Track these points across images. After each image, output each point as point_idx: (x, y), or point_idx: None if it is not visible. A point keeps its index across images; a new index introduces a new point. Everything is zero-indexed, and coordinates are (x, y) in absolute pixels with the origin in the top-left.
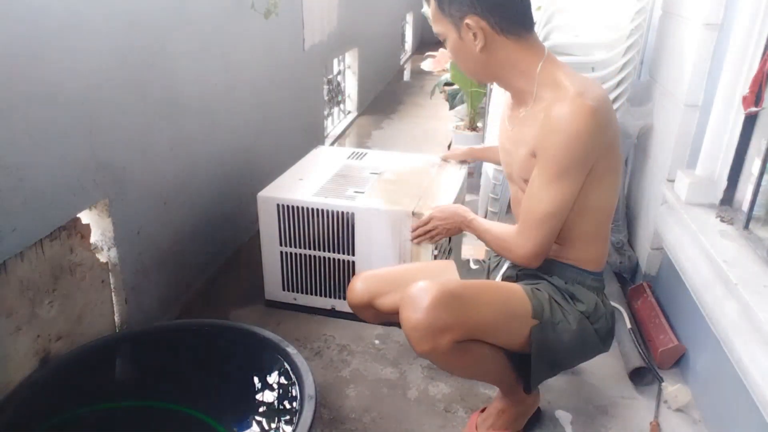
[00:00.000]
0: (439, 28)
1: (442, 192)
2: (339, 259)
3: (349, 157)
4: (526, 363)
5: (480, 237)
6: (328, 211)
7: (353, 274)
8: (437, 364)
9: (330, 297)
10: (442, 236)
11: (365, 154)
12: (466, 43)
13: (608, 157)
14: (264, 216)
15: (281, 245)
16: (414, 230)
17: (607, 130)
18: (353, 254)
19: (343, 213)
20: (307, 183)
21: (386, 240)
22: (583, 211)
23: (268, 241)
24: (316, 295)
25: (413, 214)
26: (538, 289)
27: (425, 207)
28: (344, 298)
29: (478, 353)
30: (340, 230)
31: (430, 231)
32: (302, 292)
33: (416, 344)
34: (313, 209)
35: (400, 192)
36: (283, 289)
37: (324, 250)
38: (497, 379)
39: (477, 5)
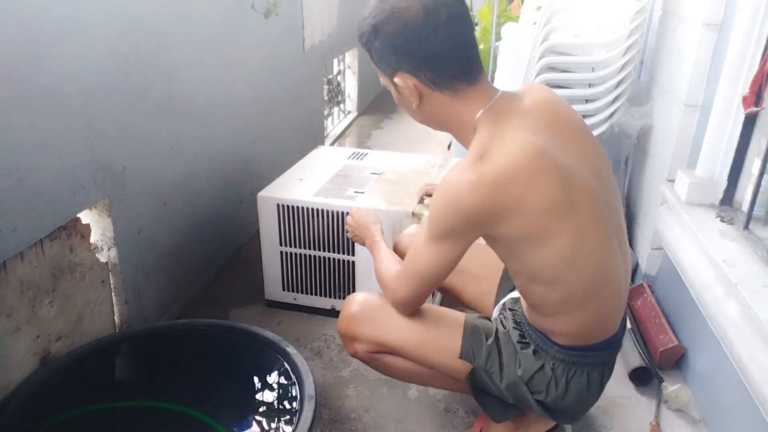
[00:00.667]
0: (381, 79)
1: None
2: (339, 259)
3: (349, 157)
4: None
5: (375, 258)
6: (328, 211)
7: (353, 274)
8: (373, 368)
9: (330, 297)
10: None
11: (366, 154)
12: (404, 97)
13: (520, 223)
14: (264, 216)
15: (281, 245)
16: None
17: (494, 202)
18: (353, 254)
19: (343, 213)
20: (307, 183)
21: (387, 240)
22: (532, 279)
23: (268, 241)
24: (316, 295)
25: (413, 214)
26: (496, 328)
27: (425, 207)
28: (344, 298)
29: (401, 365)
30: (340, 230)
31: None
32: (302, 292)
33: (345, 346)
34: (313, 209)
35: (401, 192)
36: (283, 289)
37: (324, 250)
38: (455, 390)
39: (404, 63)
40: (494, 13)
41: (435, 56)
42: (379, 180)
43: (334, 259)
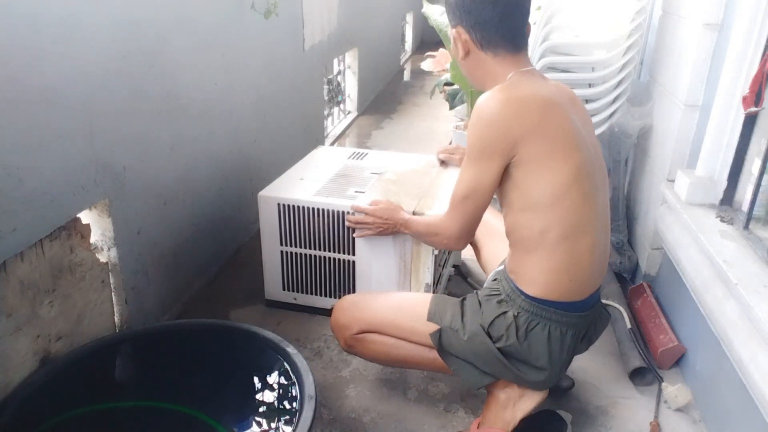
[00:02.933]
0: (449, 32)
1: (442, 192)
2: (339, 259)
3: (349, 157)
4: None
5: (415, 234)
6: (328, 211)
7: (354, 273)
8: (361, 356)
9: (330, 297)
10: (372, 234)
11: (366, 154)
12: (455, 46)
13: (535, 147)
14: (264, 215)
15: (282, 245)
16: (350, 218)
17: (520, 118)
18: (353, 254)
19: (343, 213)
20: (307, 183)
21: (387, 240)
22: (524, 207)
23: (268, 240)
24: (316, 294)
25: (414, 213)
26: (459, 297)
27: (425, 207)
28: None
29: (383, 342)
30: (340, 230)
31: (365, 224)
32: (302, 292)
33: (339, 344)
34: (313, 209)
35: (401, 192)
36: (284, 289)
37: (324, 250)
38: (434, 369)
39: (463, 19)
40: None
41: (487, 23)
42: (380, 180)
43: (334, 258)
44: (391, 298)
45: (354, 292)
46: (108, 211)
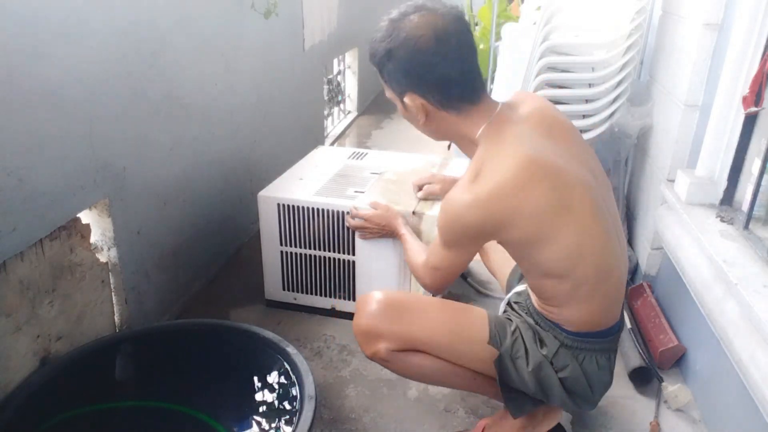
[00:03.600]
0: (387, 93)
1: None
2: (339, 259)
3: (349, 157)
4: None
5: (403, 249)
6: (328, 211)
7: (353, 273)
8: (392, 371)
9: (330, 297)
10: (371, 237)
11: (366, 154)
12: (411, 113)
13: (520, 230)
14: (264, 216)
15: (282, 245)
16: (349, 222)
17: (491, 216)
18: (353, 254)
19: (343, 213)
20: (307, 183)
21: (387, 240)
22: (543, 275)
23: (268, 240)
24: (316, 294)
25: (413, 213)
26: (509, 319)
27: (426, 206)
28: (344, 298)
29: (427, 363)
30: (340, 230)
31: (364, 228)
32: (302, 292)
33: (362, 349)
34: (313, 209)
35: (401, 192)
36: (284, 289)
37: (324, 250)
38: (471, 389)
39: (414, 85)
40: (494, 13)
41: (444, 80)
42: (380, 180)
43: (334, 258)
44: (443, 315)
45: (354, 292)
46: (108, 211)
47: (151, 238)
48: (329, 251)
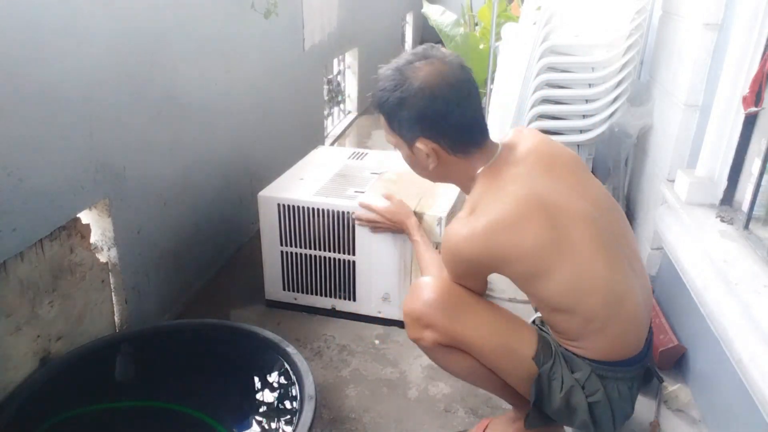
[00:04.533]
0: (390, 140)
1: (441, 192)
2: (339, 259)
3: (349, 157)
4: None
5: (416, 256)
6: (328, 211)
7: (354, 273)
8: (433, 360)
9: (330, 297)
10: (382, 231)
11: (366, 154)
12: (418, 158)
13: (520, 265)
14: (264, 216)
15: (282, 245)
16: (360, 216)
17: (488, 251)
18: (354, 254)
19: (343, 213)
20: (307, 183)
21: (387, 239)
22: (551, 309)
23: (268, 240)
24: (316, 294)
25: (414, 212)
26: (558, 351)
27: (426, 206)
28: (345, 298)
29: (465, 364)
30: (340, 230)
31: (375, 222)
32: (302, 292)
33: (407, 329)
34: (313, 209)
35: (401, 192)
36: (284, 289)
37: (324, 250)
38: (493, 392)
39: (428, 131)
40: (494, 13)
41: (457, 127)
42: (380, 180)
43: (334, 258)
44: (496, 323)
45: (354, 292)
46: (108, 211)
47: (151, 238)
48: (329, 251)
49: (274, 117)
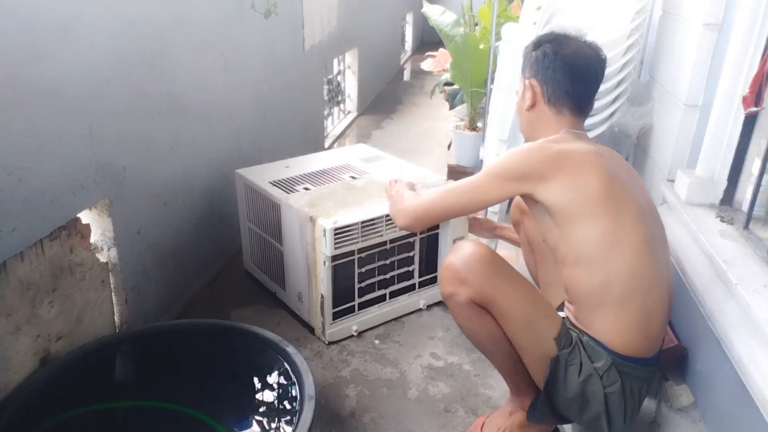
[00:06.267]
0: (518, 86)
1: (356, 213)
2: (275, 246)
3: (362, 158)
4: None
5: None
6: (267, 199)
7: (282, 263)
8: (453, 315)
9: (274, 282)
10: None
11: (380, 158)
12: (523, 99)
13: (569, 194)
14: (239, 190)
15: (248, 221)
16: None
17: (551, 162)
18: (282, 244)
19: (275, 204)
20: (287, 171)
21: (297, 236)
22: (575, 262)
23: (241, 213)
24: (267, 276)
25: (310, 219)
26: (574, 332)
27: (324, 215)
28: (280, 286)
29: (490, 329)
30: (275, 219)
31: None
32: (261, 270)
33: (442, 284)
34: (261, 194)
35: (341, 201)
36: (251, 262)
37: (267, 234)
38: (502, 370)
39: (539, 73)
40: (494, 13)
41: (560, 82)
42: (344, 184)
43: (271, 243)
44: (528, 295)
45: (284, 282)
46: (108, 211)
47: (151, 238)
48: (269, 236)
49: (274, 117)
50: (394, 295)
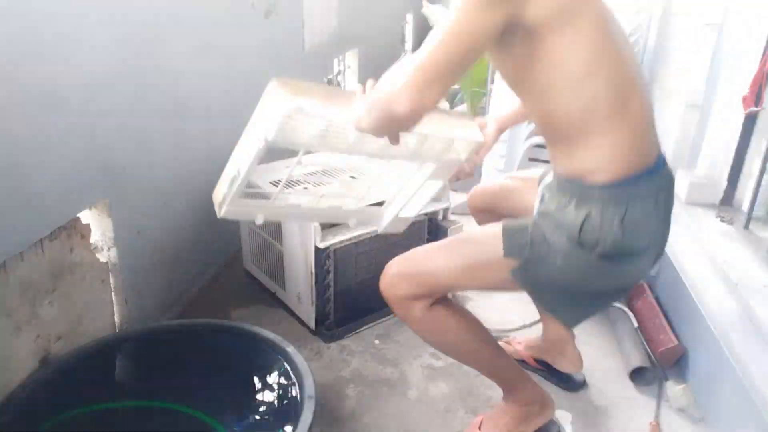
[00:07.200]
0: None
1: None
2: (274, 246)
3: (362, 158)
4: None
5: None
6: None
7: (283, 263)
8: (419, 335)
9: (274, 282)
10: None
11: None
12: None
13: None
14: None
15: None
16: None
17: None
18: (282, 244)
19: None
20: (287, 171)
21: (297, 236)
22: (559, 91)
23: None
24: (267, 275)
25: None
26: (535, 223)
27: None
28: (280, 286)
29: (451, 326)
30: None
31: None
32: (261, 270)
33: (395, 312)
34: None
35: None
36: (251, 262)
37: (267, 234)
38: (484, 372)
39: None
40: None
41: None
42: (342, 184)
43: (272, 244)
44: (448, 249)
45: (284, 281)
46: (108, 211)
47: (151, 238)
48: (269, 236)
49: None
50: None
